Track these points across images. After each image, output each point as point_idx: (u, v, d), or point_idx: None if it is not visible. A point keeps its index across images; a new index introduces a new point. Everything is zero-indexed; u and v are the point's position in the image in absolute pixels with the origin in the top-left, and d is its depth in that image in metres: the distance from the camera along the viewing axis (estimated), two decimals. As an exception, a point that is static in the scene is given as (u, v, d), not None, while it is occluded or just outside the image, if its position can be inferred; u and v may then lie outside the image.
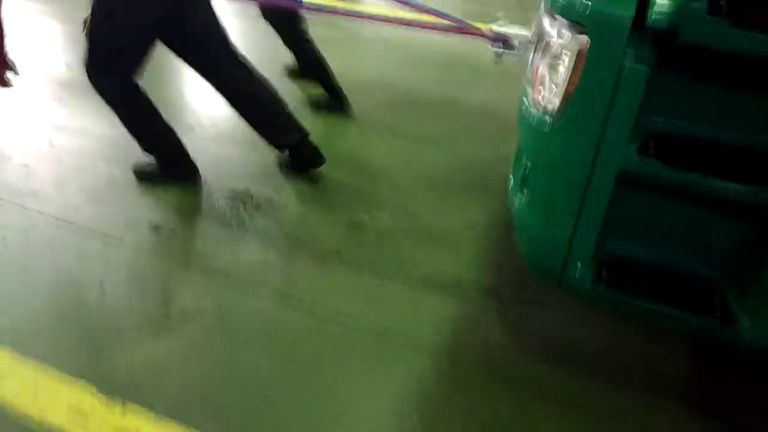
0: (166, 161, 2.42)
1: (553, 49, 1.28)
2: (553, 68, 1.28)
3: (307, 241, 2.18)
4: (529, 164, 1.42)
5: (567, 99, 1.24)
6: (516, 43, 1.79)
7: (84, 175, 2.50)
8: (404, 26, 2.19)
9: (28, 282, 1.94)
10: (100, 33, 2.07)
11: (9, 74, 1.97)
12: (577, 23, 1.19)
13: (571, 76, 1.22)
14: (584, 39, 1.18)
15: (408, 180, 2.57)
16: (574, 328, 1.82)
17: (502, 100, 3.11)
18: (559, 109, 1.27)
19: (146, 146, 2.36)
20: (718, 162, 1.20)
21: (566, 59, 1.23)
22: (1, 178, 2.47)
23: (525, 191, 1.46)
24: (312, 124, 2.59)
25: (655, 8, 1.09)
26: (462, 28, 1.93)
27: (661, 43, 1.14)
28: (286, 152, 2.50)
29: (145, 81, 2.26)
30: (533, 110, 1.36)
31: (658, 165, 1.21)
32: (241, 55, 2.34)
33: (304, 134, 2.45)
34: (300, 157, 2.49)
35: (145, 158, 2.43)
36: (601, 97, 1.20)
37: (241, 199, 2.39)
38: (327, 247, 2.15)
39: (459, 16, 1.97)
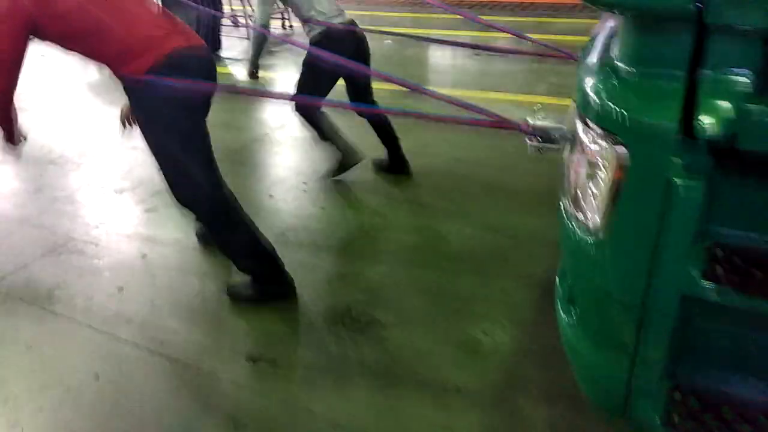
0: (261, 280, 2.31)
1: (589, 158, 1.11)
2: (591, 179, 1.11)
3: (421, 373, 1.97)
4: (573, 282, 1.24)
5: (609, 216, 1.07)
6: (557, 136, 1.60)
7: (178, 295, 2.41)
8: (441, 122, 2.08)
9: (121, 422, 1.82)
10: (163, 157, 2.06)
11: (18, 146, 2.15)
12: (613, 134, 1.03)
13: (611, 191, 1.05)
14: (623, 152, 1.01)
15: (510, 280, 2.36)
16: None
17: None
18: (601, 226, 1.09)
19: (241, 266, 2.29)
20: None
21: (604, 172, 1.06)
22: (96, 301, 2.38)
23: (573, 311, 1.27)
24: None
25: (703, 115, 0.91)
26: (497, 123, 1.78)
27: (718, 150, 0.95)
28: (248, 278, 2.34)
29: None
30: (573, 224, 1.19)
31: (729, 292, 1.00)
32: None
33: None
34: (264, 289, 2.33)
35: (239, 276, 2.35)
36: (648, 215, 1.01)
37: (342, 321, 2.23)
38: (444, 380, 1.93)
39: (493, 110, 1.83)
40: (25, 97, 4.87)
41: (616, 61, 1.09)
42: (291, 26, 7.53)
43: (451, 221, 2.91)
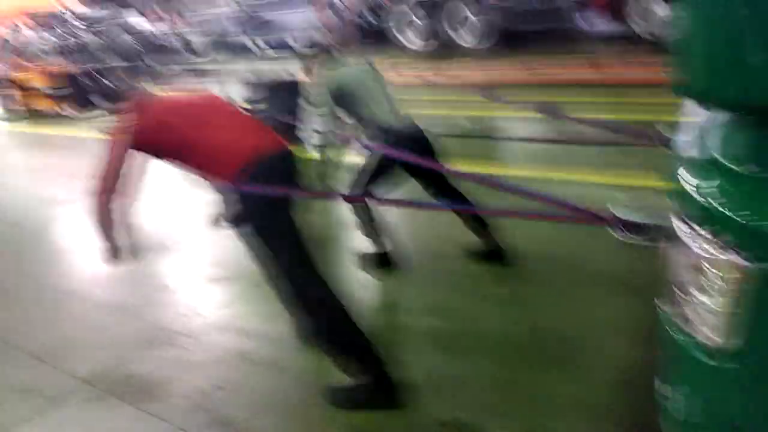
0: (363, 382, 2.13)
1: (697, 265, 0.97)
2: (702, 291, 0.96)
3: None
4: (688, 408, 1.09)
5: (735, 337, 0.93)
6: (652, 232, 1.44)
7: (276, 397, 2.28)
8: (517, 217, 1.92)
9: None
10: (262, 259, 2.10)
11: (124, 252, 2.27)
12: (732, 244, 0.90)
13: (734, 307, 0.91)
14: (742, 263, 0.89)
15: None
16: None
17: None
18: (725, 348, 0.94)
19: (344, 368, 2.15)
20: None
21: (723, 285, 0.92)
22: (193, 401, 2.27)
23: None
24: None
25: None
26: (584, 218, 1.64)
27: None
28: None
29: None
30: (685, 341, 1.03)
31: None
32: None
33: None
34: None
35: (338, 375, 2.18)
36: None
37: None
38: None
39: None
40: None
41: (724, 160, 0.99)
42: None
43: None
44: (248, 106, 2.76)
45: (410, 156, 2.47)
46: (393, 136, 2.84)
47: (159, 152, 2.17)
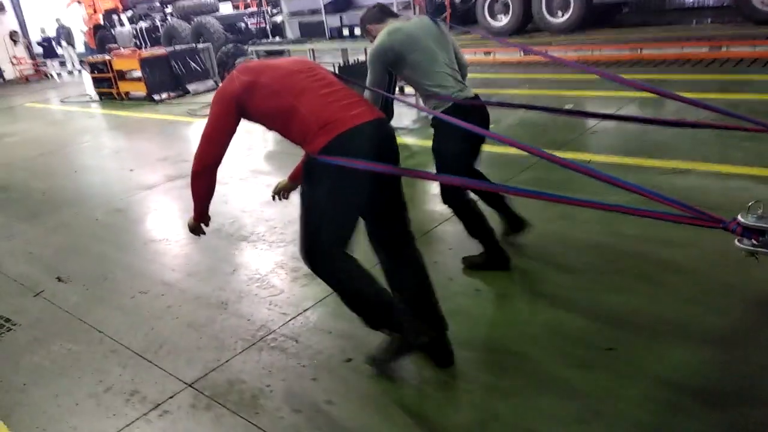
0: (401, 333, 2.13)
1: None
2: None
3: None
4: None
5: None
6: None
7: (388, 411, 2.09)
8: (621, 213, 1.58)
9: None
10: (310, 212, 2.11)
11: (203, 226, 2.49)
12: None
13: None
14: None
15: None
16: None
17: None
18: None
19: (372, 323, 2.18)
20: None
21: None
22: (303, 416, 2.11)
23: None
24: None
25: None
26: (696, 218, 1.42)
27: None
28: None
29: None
30: None
31: None
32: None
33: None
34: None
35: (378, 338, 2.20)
36: None
37: None
38: None
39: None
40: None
41: None
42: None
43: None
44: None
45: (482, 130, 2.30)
46: (460, 109, 2.60)
47: (259, 115, 2.18)
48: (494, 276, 2.86)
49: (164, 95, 9.37)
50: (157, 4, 14.78)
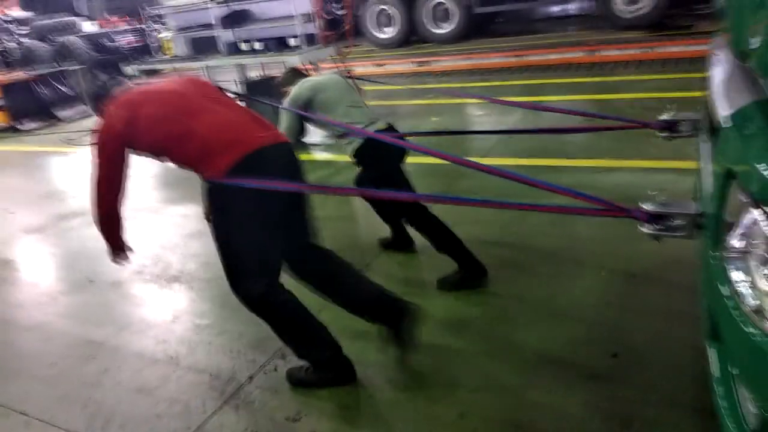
0: (320, 365, 2.18)
1: None
2: None
3: None
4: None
5: None
6: (682, 222, 1.44)
7: None
8: (538, 211, 1.82)
9: None
10: (230, 244, 2.03)
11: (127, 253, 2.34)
12: None
13: None
14: None
15: None
16: None
17: None
18: None
19: (300, 353, 2.19)
20: None
21: None
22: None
23: None
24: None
25: None
26: (605, 210, 1.59)
27: None
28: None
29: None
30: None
31: None
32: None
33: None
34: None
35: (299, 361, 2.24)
36: None
37: None
38: None
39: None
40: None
41: None
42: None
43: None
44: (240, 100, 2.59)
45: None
46: (374, 143, 2.64)
47: (147, 147, 2.05)
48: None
49: (32, 124, 8.31)
50: (5, 25, 13.22)
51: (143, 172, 5.41)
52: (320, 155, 5.43)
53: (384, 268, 3.05)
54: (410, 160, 2.80)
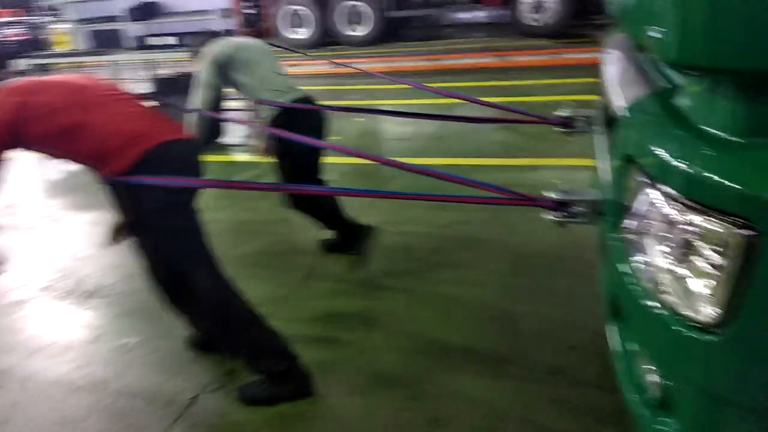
0: (276, 378, 2.02)
1: (690, 242, 0.98)
2: (694, 267, 0.98)
3: None
4: (671, 383, 1.08)
5: (732, 308, 0.93)
6: (584, 208, 1.52)
7: None
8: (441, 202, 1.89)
9: None
10: (169, 239, 1.94)
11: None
12: (733, 215, 0.90)
13: (734, 280, 0.91)
14: (749, 234, 0.88)
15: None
16: None
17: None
18: (721, 319, 0.95)
19: (253, 365, 2.04)
20: None
21: (721, 259, 0.93)
22: None
23: (670, 419, 1.09)
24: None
25: None
26: (511, 200, 1.66)
27: None
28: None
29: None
30: (669, 317, 1.04)
31: None
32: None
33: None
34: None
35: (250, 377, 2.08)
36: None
37: None
38: None
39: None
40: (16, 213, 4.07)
41: (714, 129, 1.00)
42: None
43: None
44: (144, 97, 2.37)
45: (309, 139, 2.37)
46: (290, 112, 2.67)
47: (37, 141, 1.84)
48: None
49: None
50: None
51: (38, 177, 4.91)
52: (241, 156, 5.18)
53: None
54: (333, 160, 2.73)
